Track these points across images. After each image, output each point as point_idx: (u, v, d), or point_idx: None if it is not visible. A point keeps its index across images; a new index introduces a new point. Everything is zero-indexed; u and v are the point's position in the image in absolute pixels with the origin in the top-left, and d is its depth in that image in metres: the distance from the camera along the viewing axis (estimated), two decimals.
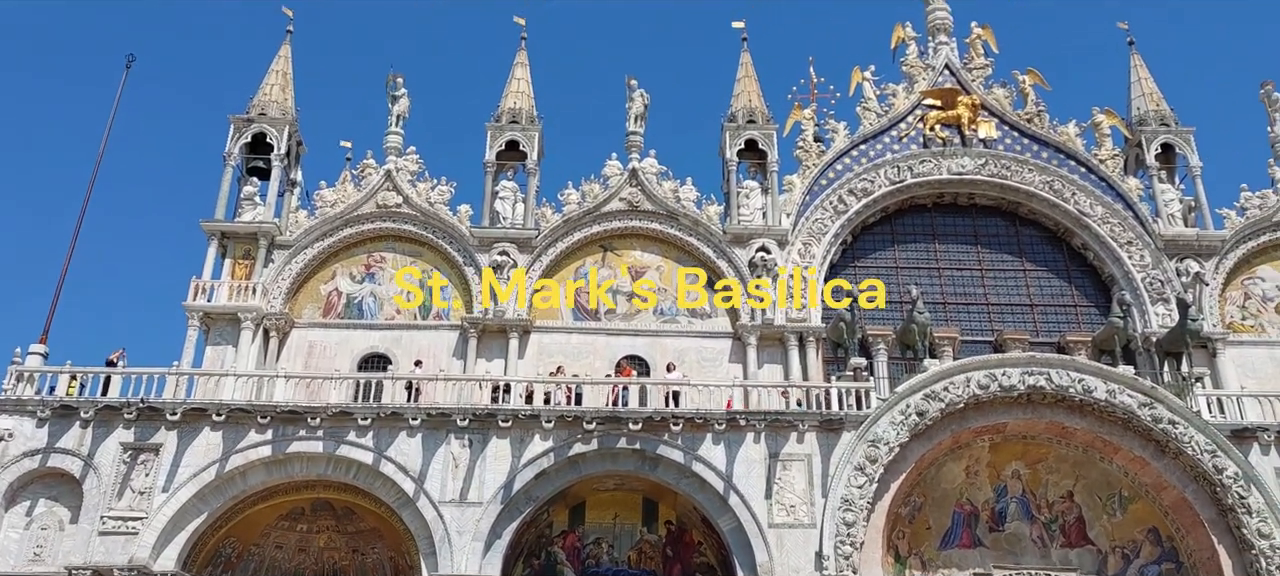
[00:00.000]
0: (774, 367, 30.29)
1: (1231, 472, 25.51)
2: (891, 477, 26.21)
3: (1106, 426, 26.62)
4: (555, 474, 26.27)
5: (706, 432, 26.37)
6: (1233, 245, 31.79)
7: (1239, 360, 30.21)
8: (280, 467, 26.35)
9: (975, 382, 26.73)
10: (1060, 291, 32.60)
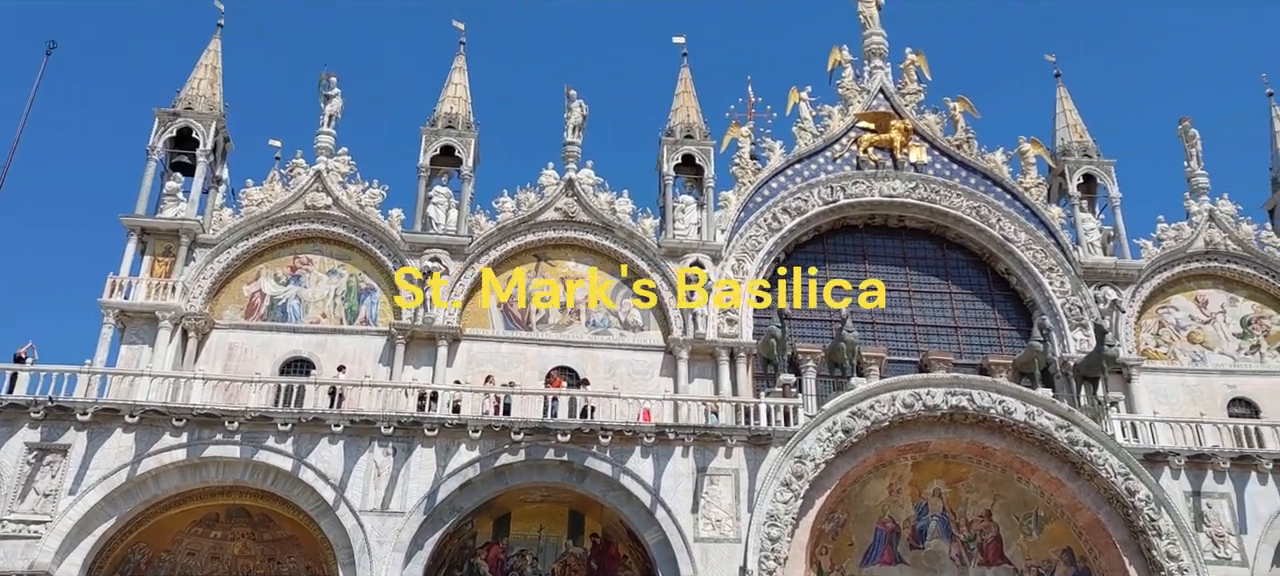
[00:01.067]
0: (705, 382, 30.40)
1: (1143, 495, 26.27)
2: (816, 494, 26.44)
3: (1025, 447, 27.23)
4: (481, 484, 25.93)
5: (635, 445, 26.29)
6: (1149, 275, 32.85)
7: (1152, 386, 31.18)
8: (195, 472, 25.54)
9: (900, 401, 27.13)
10: (984, 314, 33.33)
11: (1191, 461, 27.01)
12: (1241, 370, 31.94)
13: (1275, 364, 32.15)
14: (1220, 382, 31.64)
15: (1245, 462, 27.05)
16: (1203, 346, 32.45)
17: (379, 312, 30.88)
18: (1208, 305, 33.12)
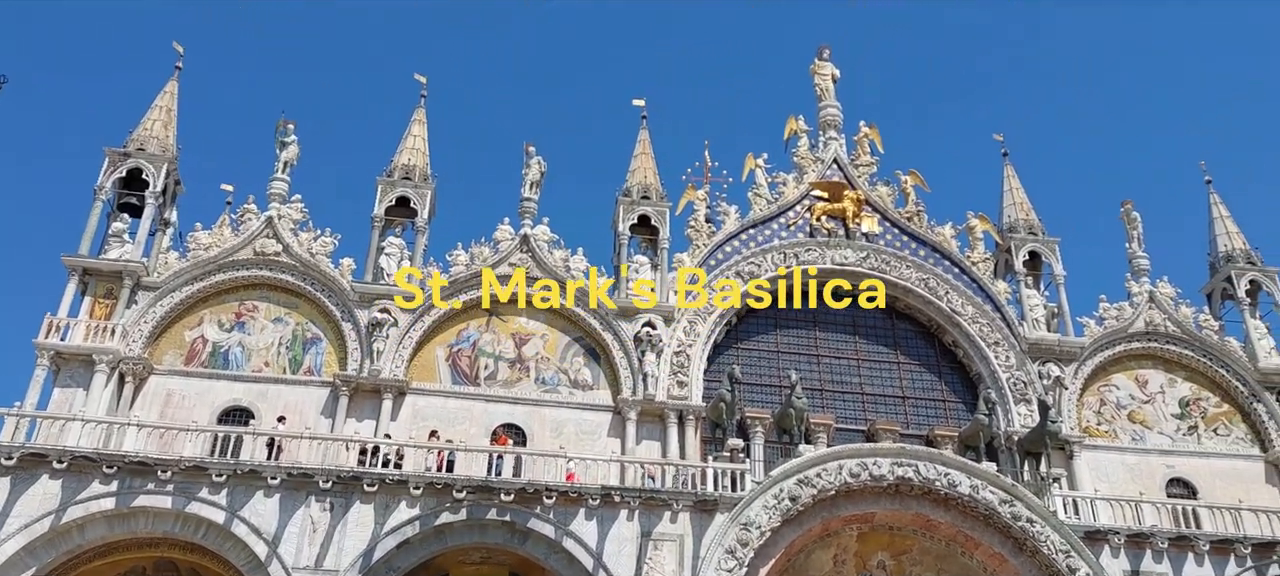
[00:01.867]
0: (652, 443, 30.22)
1: (1084, 573, 26.42)
2: (761, 562, 26.23)
3: (969, 521, 27.32)
4: (420, 543, 25.40)
5: (580, 507, 25.97)
6: (1091, 353, 33.44)
7: (1093, 463, 31.57)
8: (123, 522, 24.76)
9: (847, 470, 27.14)
10: (931, 386, 33.63)
11: (1131, 540, 27.29)
12: (1179, 450, 32.48)
13: (1212, 445, 32.76)
14: (1159, 462, 32.15)
15: (1183, 543, 27.39)
16: (1142, 425, 32.99)
17: (324, 363, 30.35)
18: (1148, 385, 33.75)
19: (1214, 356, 33.79)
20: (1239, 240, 37.23)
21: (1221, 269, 36.67)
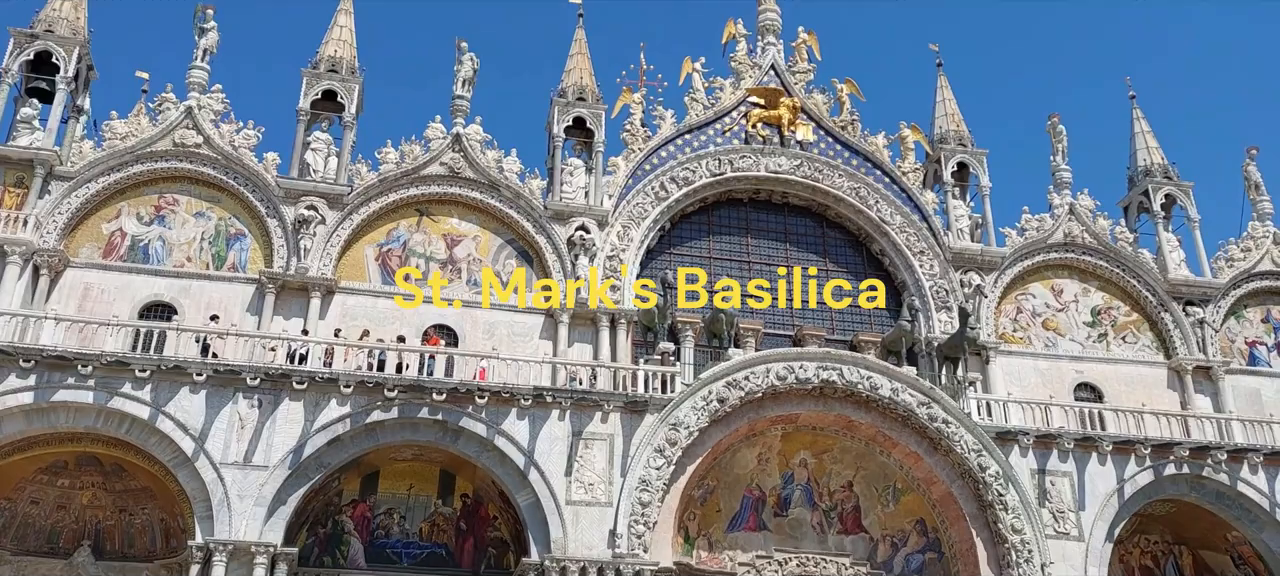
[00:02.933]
0: (584, 346, 30.43)
1: (994, 471, 27.73)
2: (689, 461, 26.96)
3: (888, 422, 28.35)
4: (350, 441, 25.46)
5: (512, 407, 26.23)
6: (1011, 262, 34.44)
7: (1007, 368, 32.80)
8: (43, 417, 24.30)
9: (774, 374, 27.85)
10: (857, 293, 34.35)
11: (1039, 441, 28.65)
12: (1089, 357, 33.90)
13: (1119, 352, 34.23)
14: (1069, 367, 33.54)
15: (1088, 443, 28.84)
16: (1056, 333, 34.28)
17: (249, 259, 29.68)
18: (1063, 294, 34.97)
19: (1127, 267, 35.08)
20: (1158, 155, 38.38)
21: (1139, 182, 37.85)
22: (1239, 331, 35.44)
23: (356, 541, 26.31)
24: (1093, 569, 27.51)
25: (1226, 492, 29.34)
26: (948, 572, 27.99)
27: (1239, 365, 34.67)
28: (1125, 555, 30.20)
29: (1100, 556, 27.83)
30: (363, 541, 26.35)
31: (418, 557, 26.54)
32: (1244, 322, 35.68)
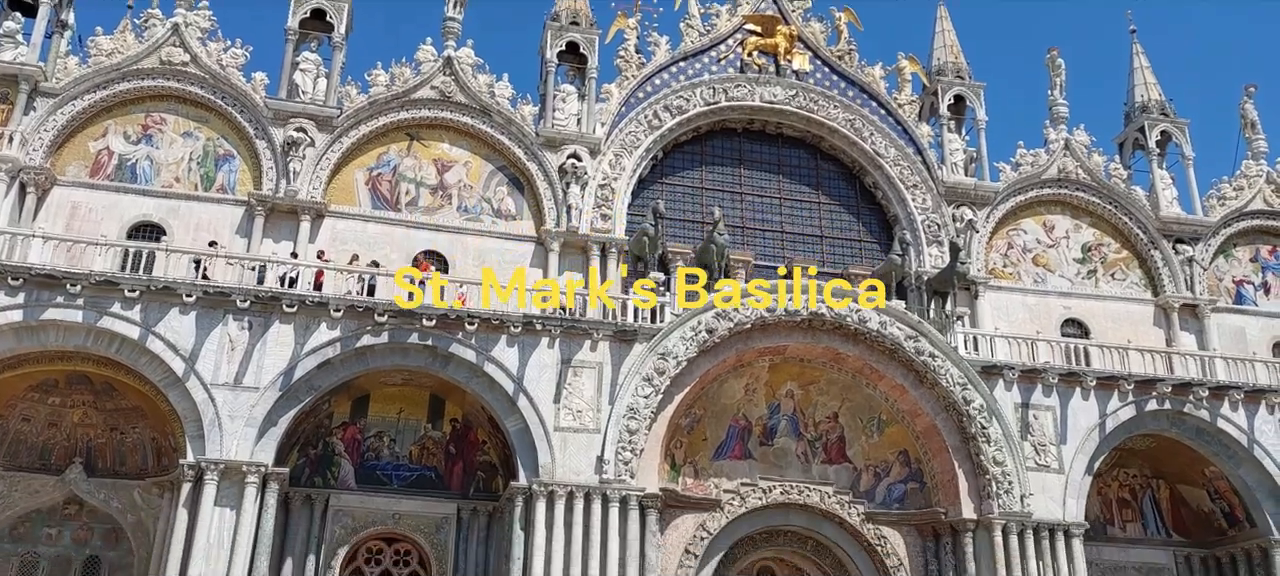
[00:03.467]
0: (574, 274, 30.42)
1: (978, 404, 28.04)
2: (676, 390, 27.18)
3: (875, 354, 28.54)
4: (340, 364, 25.59)
5: (501, 334, 26.32)
6: (1004, 197, 34.37)
7: (996, 304, 32.95)
8: (32, 335, 24.32)
9: (764, 305, 27.92)
10: (849, 226, 34.35)
11: (1024, 375, 28.92)
12: (1077, 293, 34.03)
13: (1108, 289, 34.38)
14: (1057, 303, 33.71)
15: (1072, 379, 29.13)
16: (1045, 268, 34.37)
17: (238, 181, 29.48)
18: (1054, 230, 34.99)
19: (1119, 204, 35.06)
20: (1155, 91, 38.09)
21: (1135, 119, 37.63)
22: (1227, 270, 35.60)
23: (347, 463, 26.60)
24: (1071, 500, 28.01)
25: (1206, 428, 29.75)
26: (928, 502, 28.46)
27: (1226, 303, 34.89)
28: (1104, 488, 30.73)
29: (1079, 488, 28.32)
30: (353, 463, 26.64)
31: (407, 480, 26.88)
32: (1232, 261, 35.81)
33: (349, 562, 26.10)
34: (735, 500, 27.64)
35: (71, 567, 25.32)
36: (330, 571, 25.63)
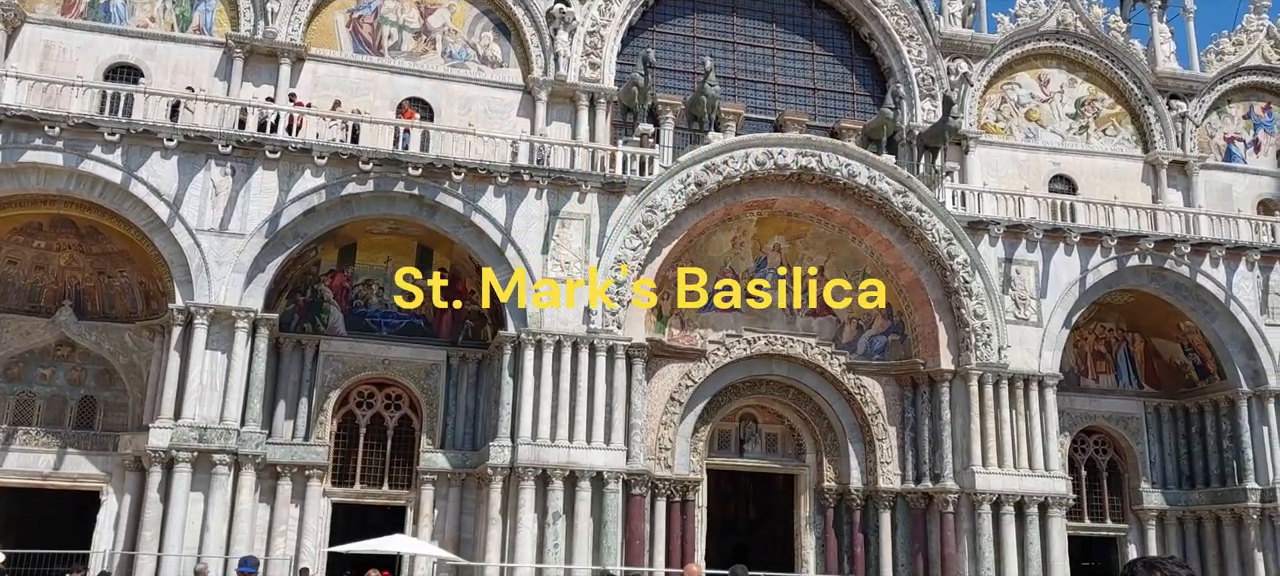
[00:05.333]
0: (562, 126, 29.98)
1: (962, 259, 28.30)
2: (664, 242, 27.29)
3: (863, 209, 28.60)
4: (326, 212, 25.50)
5: (489, 184, 26.18)
6: (1000, 50, 33.71)
7: (986, 159, 32.78)
8: (13, 177, 24.06)
9: (753, 159, 27.78)
10: (841, 78, 33.75)
11: (1009, 231, 29.11)
12: (1067, 149, 33.82)
13: (1099, 145, 34.19)
14: (1047, 159, 33.53)
15: (1056, 234, 29.35)
16: (1037, 124, 34.03)
17: (215, 21, 28.55)
18: (1049, 84, 34.47)
19: (1116, 58, 34.49)
20: None
21: None
22: (1219, 127, 35.38)
23: (336, 309, 26.83)
24: (1047, 352, 28.65)
25: (1185, 284, 30.21)
26: (909, 354, 29.06)
27: (1215, 160, 34.82)
28: (1080, 340, 31.38)
29: (1056, 341, 28.93)
30: (342, 310, 26.87)
31: (397, 327, 27.19)
32: (1226, 118, 35.57)
33: (341, 405, 26.66)
34: (720, 350, 28.12)
35: (67, 407, 25.77)
36: (323, 413, 26.20)
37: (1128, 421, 31.42)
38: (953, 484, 27.48)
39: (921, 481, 28.04)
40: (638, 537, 25.62)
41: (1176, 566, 3.71)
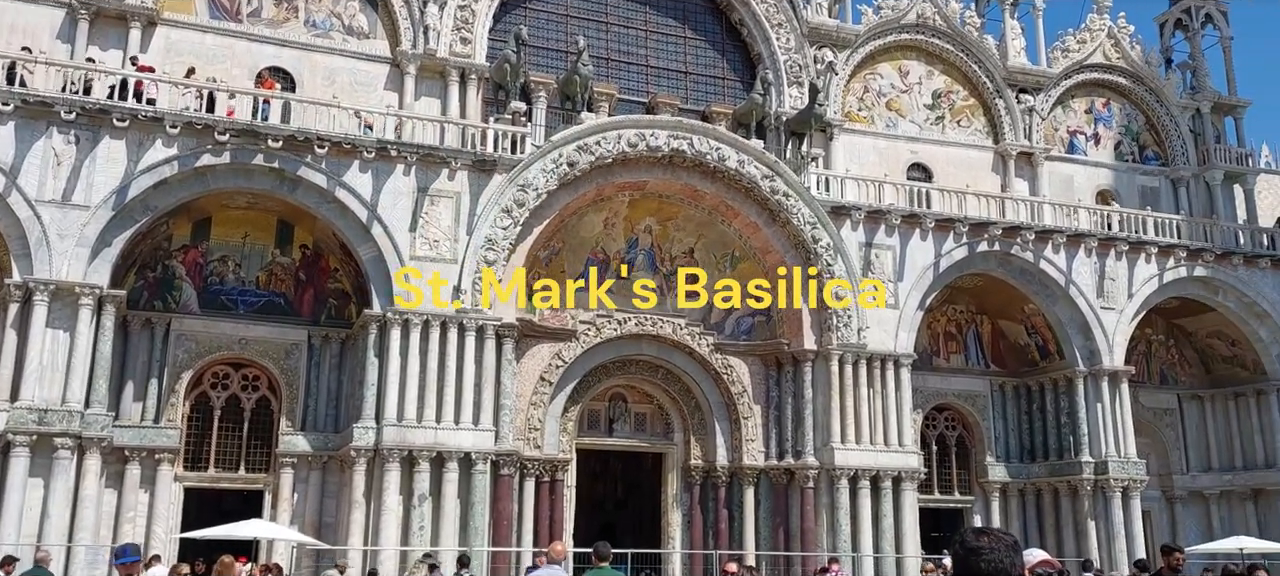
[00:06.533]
0: (432, 101, 29.48)
1: (826, 243, 29.25)
2: (536, 222, 27.22)
3: (732, 192, 29.19)
4: (179, 184, 24.41)
5: (354, 159, 25.54)
6: (864, 40, 34.87)
7: (849, 146, 33.92)
8: None
9: (625, 140, 27.95)
10: (713, 63, 34.29)
11: (870, 216, 30.24)
12: (924, 138, 35.32)
13: (953, 135, 35.80)
14: (905, 148, 34.96)
15: (913, 220, 30.65)
16: (897, 113, 35.41)
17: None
18: (909, 75, 35.88)
19: (970, 52, 36.13)
20: None
21: None
22: (1063, 120, 37.55)
23: (189, 286, 25.75)
24: (903, 333, 29.96)
25: (1029, 269, 32.04)
26: (774, 334, 29.90)
27: (1059, 152, 36.96)
28: (933, 322, 32.93)
29: (912, 322, 30.28)
30: (196, 287, 25.81)
31: (255, 305, 26.29)
32: (1069, 112, 37.77)
33: (194, 387, 25.66)
34: (591, 330, 28.30)
35: None
36: (174, 395, 25.17)
37: (975, 399, 33.23)
38: (813, 460, 28.48)
39: (784, 458, 28.95)
40: (505, 518, 25.62)
41: (1002, 534, 4.00)
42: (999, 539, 3.94)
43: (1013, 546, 3.94)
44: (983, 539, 3.95)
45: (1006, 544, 3.92)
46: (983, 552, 3.89)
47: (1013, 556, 3.91)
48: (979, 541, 3.94)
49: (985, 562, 3.87)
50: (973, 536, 3.99)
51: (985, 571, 3.87)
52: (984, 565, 3.87)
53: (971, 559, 3.90)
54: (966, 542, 3.97)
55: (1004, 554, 3.88)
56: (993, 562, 3.86)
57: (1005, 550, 3.90)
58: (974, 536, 3.98)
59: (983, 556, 3.88)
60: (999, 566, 3.87)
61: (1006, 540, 3.93)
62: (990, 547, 3.89)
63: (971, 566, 3.90)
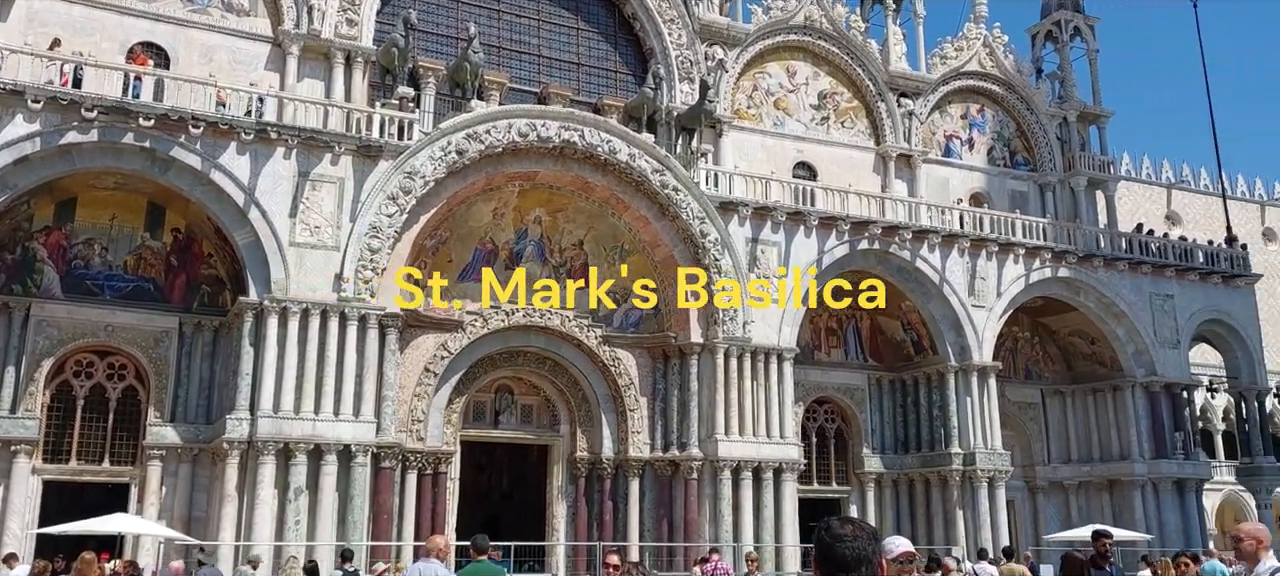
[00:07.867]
0: (315, 83, 28.64)
1: (713, 237, 29.69)
2: (422, 210, 26.79)
3: (623, 186, 29.34)
4: (41, 162, 23.12)
5: (231, 141, 24.64)
6: (754, 39, 35.49)
7: (737, 143, 34.48)
8: None
9: (516, 129, 27.77)
10: (605, 55, 34.35)
11: (756, 212, 30.85)
12: (810, 138, 36.21)
13: (837, 136, 36.79)
14: (791, 146, 35.77)
15: (797, 217, 31.41)
16: (785, 112, 36.19)
17: None
18: (796, 76, 36.70)
19: (855, 55, 37.17)
20: None
21: None
22: (941, 125, 39.03)
23: (51, 270, 24.42)
24: (786, 328, 30.70)
25: (906, 267, 33.22)
26: (662, 327, 30.21)
27: (936, 155, 38.40)
28: (815, 318, 33.82)
29: (794, 318, 31.04)
30: (59, 271, 24.48)
31: (122, 291, 25.11)
32: (946, 117, 39.28)
33: (56, 374, 24.34)
34: (478, 321, 28.04)
35: None
36: (33, 383, 23.85)
37: (853, 392, 34.33)
38: (697, 452, 28.92)
39: (669, 449, 29.30)
40: (385, 512, 25.19)
41: (863, 524, 4.20)
42: (861, 528, 4.15)
43: (873, 536, 4.15)
44: (846, 527, 4.15)
45: (867, 533, 4.14)
46: (845, 540, 4.08)
47: (873, 545, 4.12)
48: (842, 529, 4.14)
49: (847, 549, 4.05)
50: (837, 524, 4.18)
51: (847, 558, 4.06)
52: (847, 551, 4.06)
53: (836, 546, 4.09)
54: (832, 530, 4.17)
55: (865, 542, 4.09)
56: (855, 549, 4.05)
57: (866, 539, 4.11)
58: (838, 524, 4.18)
59: (846, 543, 4.06)
60: (860, 553, 4.06)
61: (867, 529, 4.15)
62: (852, 536, 4.08)
63: (836, 553, 4.09)
